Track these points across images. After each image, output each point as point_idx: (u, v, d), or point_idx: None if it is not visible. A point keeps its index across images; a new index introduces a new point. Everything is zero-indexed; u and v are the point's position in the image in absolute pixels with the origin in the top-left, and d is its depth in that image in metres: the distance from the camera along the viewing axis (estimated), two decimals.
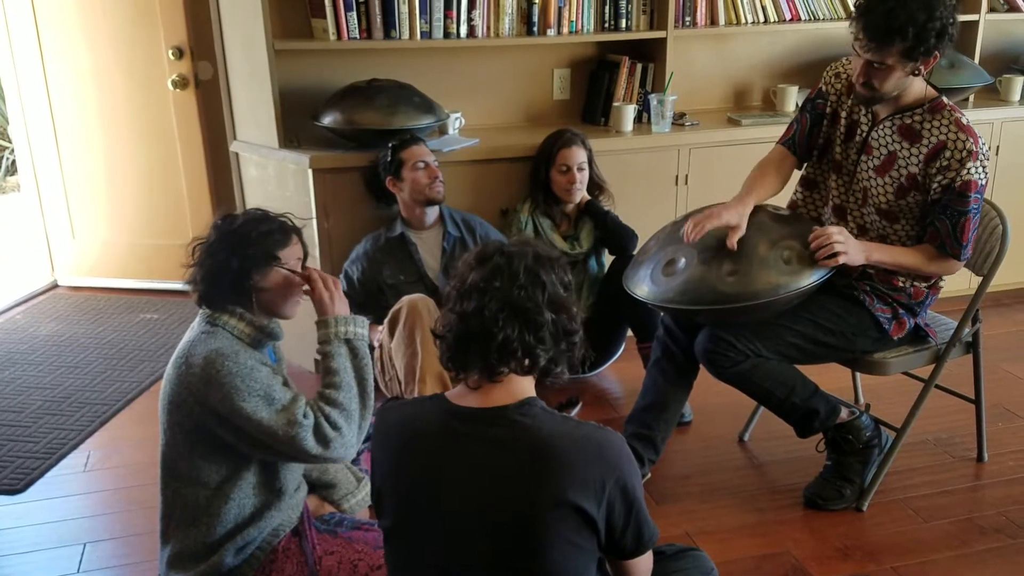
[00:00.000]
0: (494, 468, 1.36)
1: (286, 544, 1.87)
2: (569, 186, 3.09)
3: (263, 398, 1.72)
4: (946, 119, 2.22)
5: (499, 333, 1.36)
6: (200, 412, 1.75)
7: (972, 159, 2.18)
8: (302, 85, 3.29)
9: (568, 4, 3.37)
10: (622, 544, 1.41)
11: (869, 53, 2.15)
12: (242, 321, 1.82)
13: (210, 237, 1.84)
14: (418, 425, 1.44)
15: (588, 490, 1.33)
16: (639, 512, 1.40)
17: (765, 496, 2.56)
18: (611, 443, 1.38)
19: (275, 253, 1.83)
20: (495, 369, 1.38)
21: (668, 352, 2.54)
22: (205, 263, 1.82)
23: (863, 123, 2.36)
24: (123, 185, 4.12)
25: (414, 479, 1.42)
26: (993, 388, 3.06)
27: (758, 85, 3.90)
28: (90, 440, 2.92)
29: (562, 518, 1.33)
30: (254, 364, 1.76)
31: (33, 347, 3.63)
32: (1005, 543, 2.33)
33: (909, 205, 2.29)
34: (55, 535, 2.44)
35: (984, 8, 3.76)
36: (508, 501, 1.35)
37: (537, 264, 1.41)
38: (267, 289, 1.83)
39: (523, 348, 1.37)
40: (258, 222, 1.84)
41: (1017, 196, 3.71)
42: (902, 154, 2.27)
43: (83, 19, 3.89)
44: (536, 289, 1.39)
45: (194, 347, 1.77)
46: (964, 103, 3.76)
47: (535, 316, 1.38)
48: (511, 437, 1.36)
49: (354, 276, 3.07)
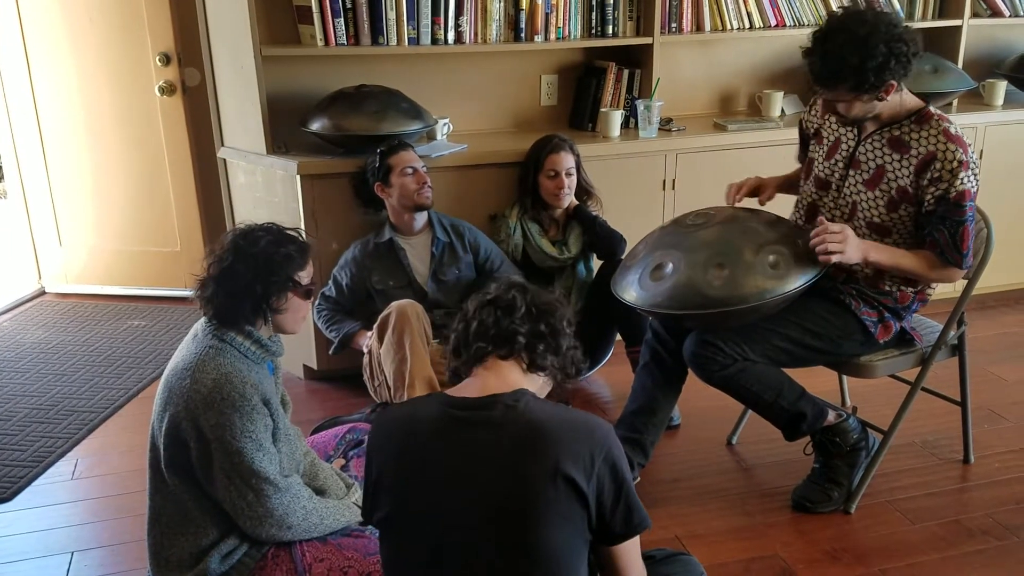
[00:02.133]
0: (488, 447, 1.42)
1: (275, 550, 1.87)
2: (557, 191, 3.10)
3: (253, 442, 1.77)
4: (934, 129, 2.24)
5: (475, 320, 1.55)
6: (185, 422, 1.76)
7: (964, 169, 2.19)
8: (290, 91, 3.29)
9: (555, 10, 3.38)
10: (612, 525, 1.44)
11: (823, 93, 2.26)
12: (249, 339, 1.84)
13: (227, 256, 1.82)
14: (417, 416, 1.50)
15: (578, 463, 1.38)
16: (628, 493, 1.44)
17: (754, 499, 2.57)
18: (600, 424, 1.46)
19: (295, 277, 1.85)
20: (478, 352, 1.52)
21: (657, 356, 2.55)
22: (225, 284, 1.81)
23: (849, 138, 2.39)
24: (110, 192, 4.11)
25: (412, 464, 1.46)
26: (979, 390, 3.08)
27: (744, 91, 3.93)
28: (78, 448, 2.91)
29: (555, 491, 1.37)
30: (256, 403, 1.78)
31: (20, 354, 3.61)
32: (992, 544, 2.35)
33: (901, 218, 2.30)
34: (43, 544, 2.42)
35: (967, 13, 3.79)
36: (503, 478, 1.40)
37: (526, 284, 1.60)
38: (283, 311, 1.86)
39: (497, 329, 1.53)
40: (278, 244, 1.84)
41: (1001, 200, 3.74)
42: (891, 167, 2.28)
43: (70, 25, 3.88)
44: (517, 291, 1.56)
45: (204, 363, 1.78)
46: (948, 108, 3.79)
47: (508, 302, 1.54)
48: (505, 418, 1.43)
49: (343, 282, 3.07)
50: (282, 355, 1.94)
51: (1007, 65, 3.98)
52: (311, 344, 3.25)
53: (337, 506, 1.95)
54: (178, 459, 1.80)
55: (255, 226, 1.87)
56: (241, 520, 1.80)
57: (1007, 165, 3.80)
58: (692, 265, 2.26)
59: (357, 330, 3.02)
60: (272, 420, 1.84)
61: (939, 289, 2.72)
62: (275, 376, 1.94)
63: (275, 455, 1.82)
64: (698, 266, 2.24)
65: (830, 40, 2.13)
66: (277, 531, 1.82)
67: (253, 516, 1.79)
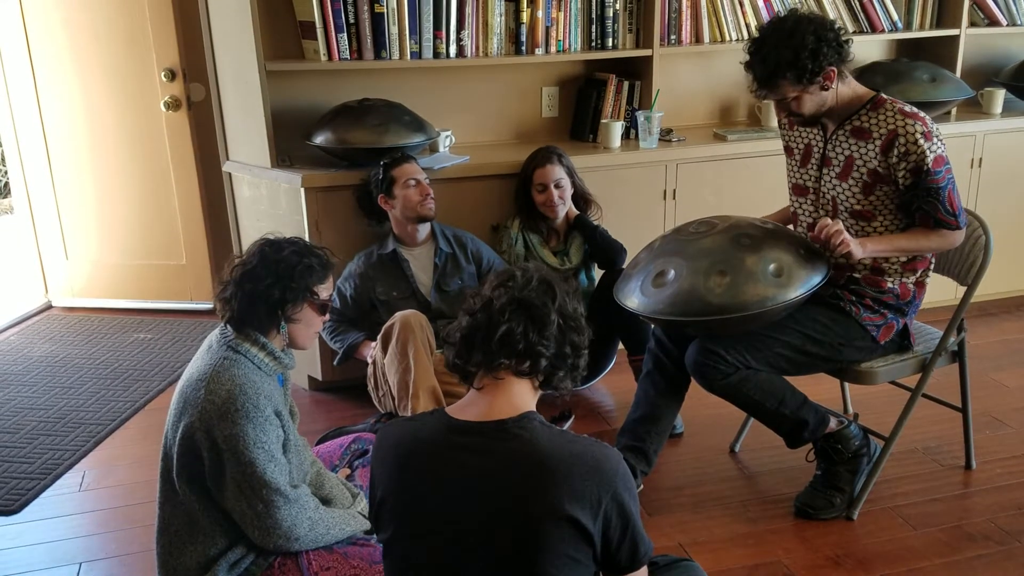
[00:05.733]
0: (492, 480, 1.38)
1: (282, 560, 1.88)
2: (548, 203, 3.12)
3: (265, 453, 1.79)
4: (889, 111, 2.31)
5: (503, 324, 1.41)
6: (199, 432, 1.78)
7: (926, 139, 2.25)
8: (294, 105, 3.32)
9: (555, 24, 3.41)
10: (617, 558, 1.42)
11: (768, 97, 2.36)
12: (263, 351, 1.87)
13: (252, 261, 1.86)
14: (419, 438, 1.46)
15: (584, 503, 1.35)
16: (635, 528, 1.41)
17: (756, 506, 2.58)
18: (608, 459, 1.40)
19: (314, 288, 1.88)
20: (495, 359, 1.42)
21: (659, 364, 2.57)
22: (245, 286, 1.84)
23: (817, 140, 2.46)
24: (116, 206, 4.14)
25: (414, 491, 1.44)
26: (980, 397, 3.10)
27: (743, 101, 3.95)
28: (85, 460, 2.93)
29: (559, 531, 1.34)
30: (269, 415, 1.81)
31: (27, 368, 3.64)
32: (994, 550, 2.36)
33: (880, 199, 2.34)
34: (50, 555, 2.44)
35: (964, 22, 3.82)
36: (506, 513, 1.36)
37: (551, 278, 1.49)
38: (297, 321, 1.89)
39: (525, 343, 1.42)
40: (302, 255, 1.87)
41: (999, 207, 3.77)
42: (858, 154, 2.34)
43: (75, 42, 3.92)
44: (547, 295, 1.45)
45: (219, 374, 1.80)
46: (946, 116, 3.81)
47: (542, 314, 1.43)
48: (509, 450, 1.39)
49: (347, 293, 3.09)
50: (294, 368, 1.97)
51: (1005, 74, 4.00)
52: (316, 355, 3.27)
53: (343, 515, 1.97)
54: (190, 468, 1.82)
55: (284, 238, 1.92)
56: (250, 530, 1.82)
57: (1006, 173, 3.82)
58: (694, 272, 2.27)
59: (361, 341, 3.04)
60: (283, 431, 1.86)
61: (940, 296, 2.74)
62: (284, 388, 1.97)
63: (285, 466, 1.84)
64: (700, 273, 2.26)
65: (763, 44, 2.28)
66: (285, 543, 1.83)
67: (262, 527, 1.81)
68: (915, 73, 3.64)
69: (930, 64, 3.72)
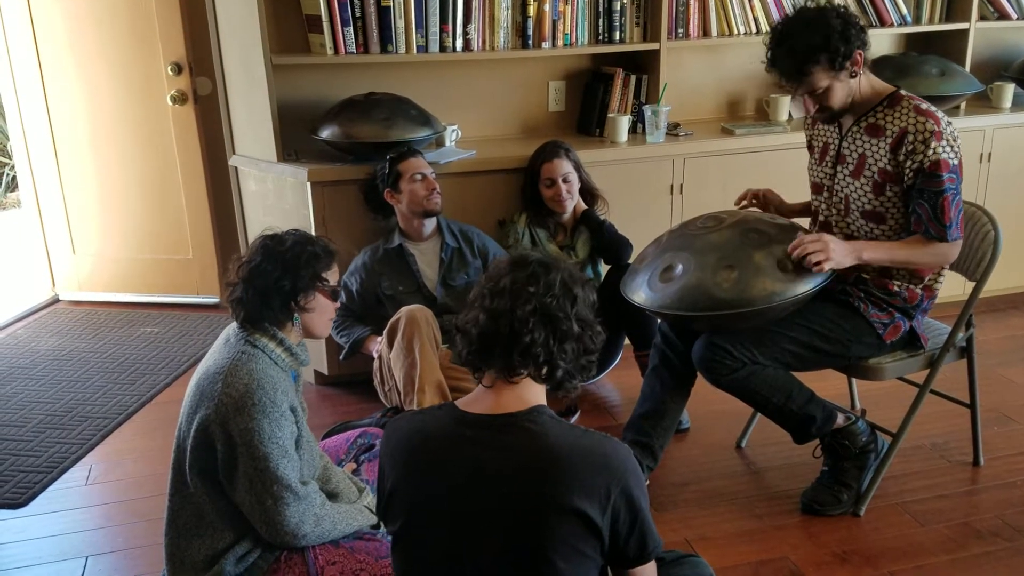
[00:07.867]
0: (501, 473, 1.38)
1: (288, 554, 1.88)
2: (556, 198, 3.12)
3: (279, 448, 1.79)
4: (905, 107, 2.28)
5: (527, 336, 1.40)
6: (215, 425, 1.78)
7: (936, 139, 2.21)
8: (300, 99, 3.32)
9: (562, 17, 3.40)
10: (625, 552, 1.42)
11: (800, 90, 2.29)
12: (280, 346, 1.87)
13: (256, 257, 1.86)
14: (428, 432, 1.47)
15: (593, 497, 1.35)
16: (644, 522, 1.41)
17: (763, 502, 2.57)
18: (617, 453, 1.40)
19: (322, 275, 1.89)
20: (514, 370, 1.42)
21: (666, 359, 2.56)
22: (256, 283, 1.84)
23: (833, 138, 2.44)
24: (123, 200, 4.15)
25: (423, 483, 1.44)
26: (989, 393, 3.08)
27: (751, 95, 3.94)
28: (92, 454, 2.94)
29: (567, 524, 1.35)
30: (285, 410, 1.81)
31: (34, 362, 3.65)
32: (1002, 546, 2.35)
33: (891, 199, 2.32)
34: (57, 548, 2.45)
35: (974, 16, 3.80)
36: (514, 506, 1.37)
37: (572, 279, 1.47)
38: (311, 310, 1.89)
39: (546, 354, 1.42)
40: (304, 244, 1.88)
41: (1009, 202, 3.75)
42: (871, 152, 2.32)
43: (82, 36, 3.92)
44: (568, 301, 1.44)
45: (236, 368, 1.81)
46: (956, 111, 3.79)
47: (564, 326, 1.43)
48: (518, 443, 1.39)
49: (353, 287, 3.09)
50: (308, 364, 1.97)
51: (1015, 68, 3.98)
52: (322, 350, 3.27)
53: (349, 511, 1.97)
54: (203, 461, 1.82)
55: (283, 231, 1.92)
56: (258, 525, 1.83)
57: (1015, 168, 3.80)
58: (701, 267, 2.27)
59: (367, 335, 3.04)
60: (296, 428, 1.87)
61: (948, 292, 2.73)
62: (296, 384, 1.97)
63: (297, 462, 1.84)
64: (707, 268, 2.25)
65: (787, 37, 2.24)
66: (291, 540, 1.84)
67: (269, 522, 1.81)
68: (924, 67, 3.62)
69: (939, 58, 3.71)
